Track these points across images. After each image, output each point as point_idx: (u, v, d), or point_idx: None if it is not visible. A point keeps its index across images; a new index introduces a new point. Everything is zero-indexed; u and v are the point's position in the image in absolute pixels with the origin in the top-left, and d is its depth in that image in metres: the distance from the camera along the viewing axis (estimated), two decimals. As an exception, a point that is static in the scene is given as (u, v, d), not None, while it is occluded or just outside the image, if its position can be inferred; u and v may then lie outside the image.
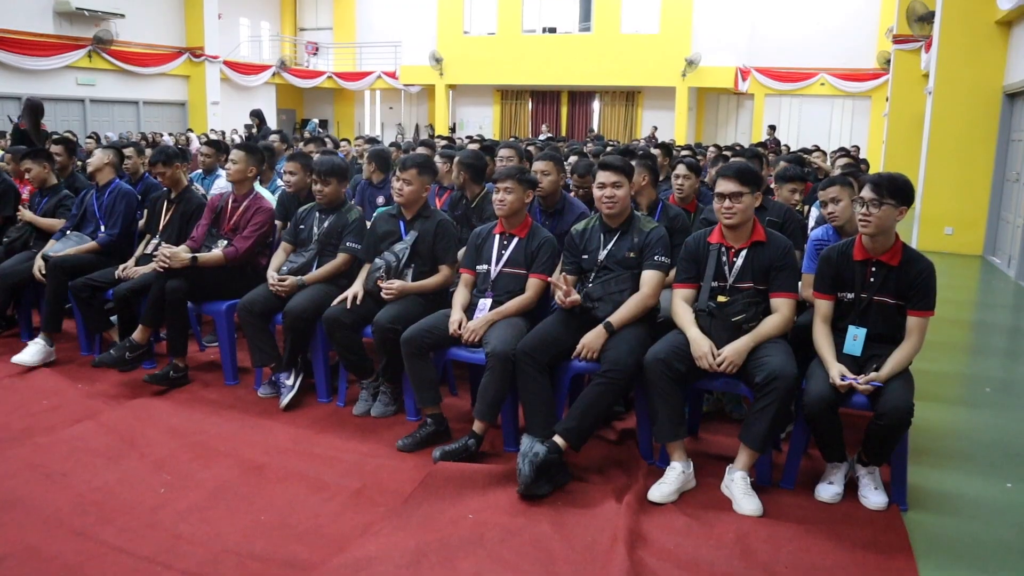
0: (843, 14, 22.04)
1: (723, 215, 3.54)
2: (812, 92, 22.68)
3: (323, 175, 4.53)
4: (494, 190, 4.04)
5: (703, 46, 21.23)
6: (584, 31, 23.26)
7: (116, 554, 2.88)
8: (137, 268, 4.95)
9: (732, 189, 3.49)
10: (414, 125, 26.57)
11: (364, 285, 4.24)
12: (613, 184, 3.76)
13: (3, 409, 4.28)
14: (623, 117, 23.95)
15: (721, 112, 24.35)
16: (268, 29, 26.91)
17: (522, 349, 3.61)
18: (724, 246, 3.59)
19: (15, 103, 18.02)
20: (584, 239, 3.90)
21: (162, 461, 3.66)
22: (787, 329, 3.53)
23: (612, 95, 23.96)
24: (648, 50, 21.75)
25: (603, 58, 22.11)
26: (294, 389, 4.38)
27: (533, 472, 3.28)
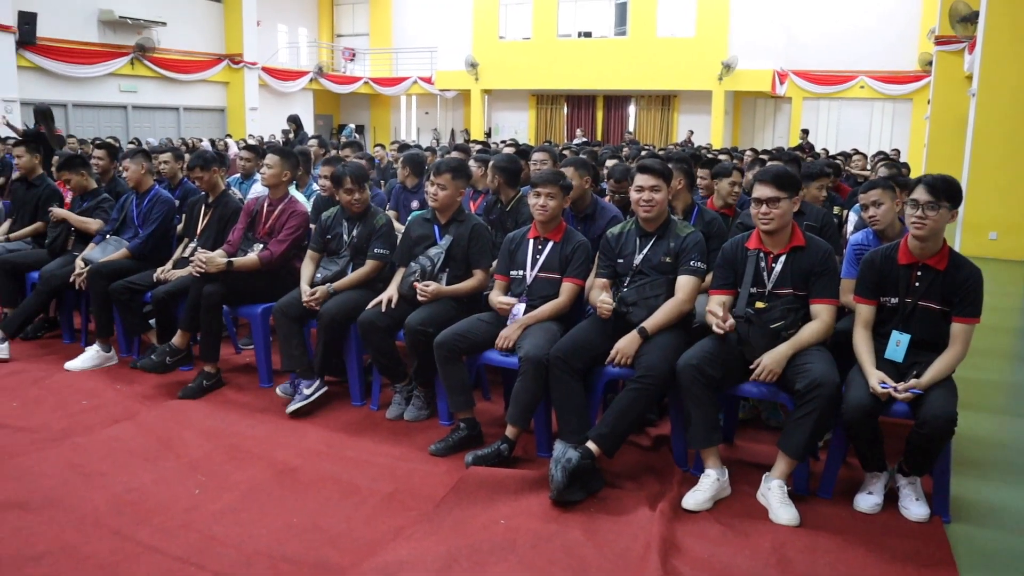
0: (883, 15, 21.72)
1: (760, 221, 3.49)
2: (851, 95, 22.39)
3: (358, 181, 4.53)
4: (532, 194, 4.01)
5: (740, 49, 21.04)
6: (619, 35, 23.19)
7: (151, 554, 2.91)
8: (174, 271, 5.01)
9: (769, 194, 3.43)
10: (449, 130, 26.68)
11: (399, 289, 4.24)
12: (651, 187, 3.72)
13: (44, 409, 4.36)
14: (659, 121, 23.83)
15: (758, 116, 24.13)
16: (306, 35, 27.19)
17: (555, 354, 3.58)
18: (762, 251, 3.54)
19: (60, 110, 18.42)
20: (620, 243, 3.87)
21: (197, 462, 3.69)
22: (828, 336, 3.46)
23: (648, 99, 23.85)
24: (684, 54, 21.62)
25: (638, 62, 22.02)
26: (308, 399, 4.33)
27: (566, 478, 3.25)
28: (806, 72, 22.39)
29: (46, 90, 17.90)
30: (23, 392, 4.60)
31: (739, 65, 21.03)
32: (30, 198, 6.04)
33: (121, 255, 5.24)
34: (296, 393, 4.38)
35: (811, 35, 22.26)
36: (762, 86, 21.59)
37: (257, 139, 17.67)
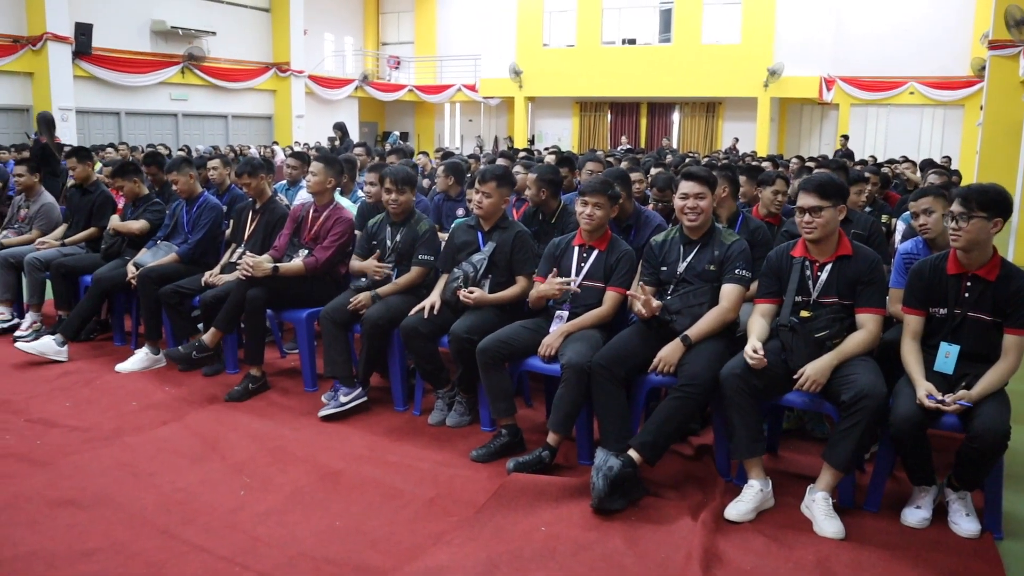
0: (934, 20, 21.29)
1: (804, 230, 3.45)
2: (900, 101, 22.00)
3: (398, 183, 4.54)
4: (580, 203, 3.98)
5: (786, 55, 20.81)
6: (664, 42, 23.08)
7: (197, 553, 2.97)
8: (222, 276, 5.10)
9: (812, 203, 3.39)
10: (493, 137, 26.76)
11: (442, 295, 4.27)
12: (696, 195, 3.70)
13: (96, 409, 4.46)
14: (703, 128, 23.67)
15: (804, 123, 23.83)
16: (351, 44, 27.52)
17: (598, 361, 3.58)
18: (808, 260, 3.50)
19: (113, 118, 18.88)
20: (663, 251, 3.85)
21: (242, 464, 3.75)
22: (873, 346, 3.41)
23: (692, 106, 23.70)
24: (729, 60, 21.44)
25: (683, 69, 21.89)
26: (342, 407, 4.35)
27: (607, 486, 3.24)
28: (854, 78, 22.06)
29: (100, 99, 18.39)
30: (76, 392, 4.72)
31: (785, 71, 20.80)
32: (85, 204, 6.21)
33: (171, 260, 5.35)
34: (334, 396, 4.43)
35: (859, 40, 21.91)
36: (809, 92, 21.32)
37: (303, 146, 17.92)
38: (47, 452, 3.87)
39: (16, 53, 16.47)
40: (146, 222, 5.74)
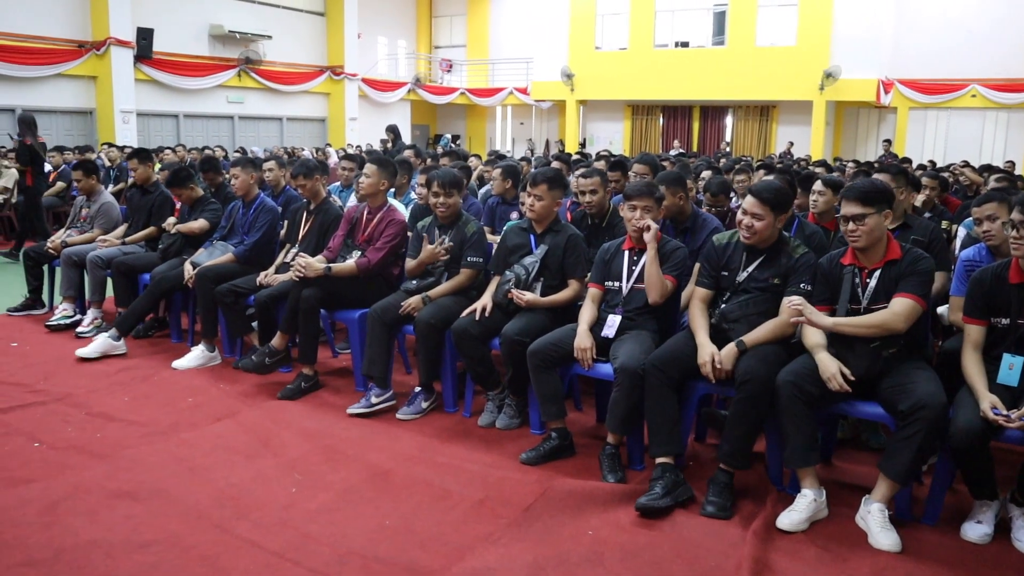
0: (997, 20, 20.62)
1: (849, 238, 3.38)
2: (962, 104, 21.43)
3: (445, 186, 4.56)
4: (627, 207, 3.96)
5: (843, 58, 20.42)
6: (718, 45, 22.86)
7: (249, 547, 3.01)
8: (277, 276, 5.18)
9: (855, 211, 3.31)
10: (544, 141, 26.77)
11: (493, 297, 4.28)
12: (754, 215, 3.60)
13: (153, 404, 4.56)
14: (757, 132, 23.37)
15: (861, 127, 23.38)
16: (404, 47, 27.76)
17: (652, 362, 3.55)
18: (857, 267, 3.42)
19: (172, 120, 19.30)
20: (725, 255, 3.77)
21: (294, 462, 3.80)
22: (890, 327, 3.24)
23: (745, 110, 23.43)
24: (784, 63, 21.14)
25: (737, 72, 21.64)
26: (371, 408, 4.43)
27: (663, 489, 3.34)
28: (913, 81, 21.57)
29: (160, 102, 18.83)
30: (134, 388, 4.83)
31: (842, 74, 20.43)
32: (144, 204, 6.36)
33: (227, 259, 5.45)
34: (366, 396, 4.50)
35: (919, 42, 21.40)
36: (866, 96, 20.92)
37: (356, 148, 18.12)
38: (106, 445, 3.97)
39: (81, 58, 16.95)
40: (205, 221, 5.86)
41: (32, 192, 9.53)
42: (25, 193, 9.63)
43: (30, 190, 9.53)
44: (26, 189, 9.57)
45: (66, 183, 11.41)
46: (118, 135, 16.83)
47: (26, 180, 9.51)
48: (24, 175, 9.55)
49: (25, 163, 9.30)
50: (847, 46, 20.45)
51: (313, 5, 22.87)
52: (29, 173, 9.44)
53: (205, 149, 14.66)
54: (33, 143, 9.30)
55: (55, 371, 5.11)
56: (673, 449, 3.50)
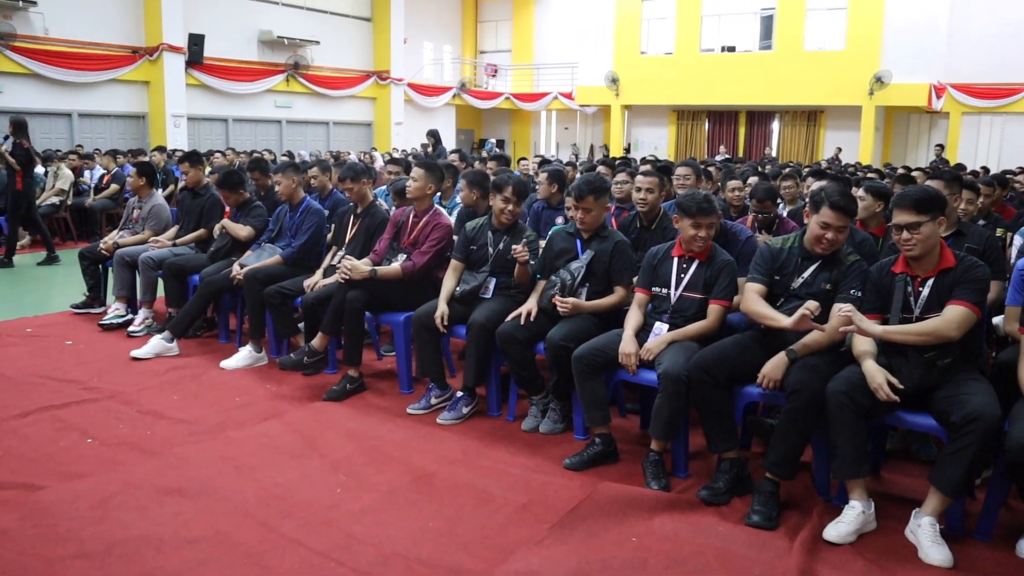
0: (1056, 23, 20.12)
1: (903, 247, 3.31)
2: (1017, 109, 20.87)
3: (517, 194, 4.54)
4: (691, 225, 3.86)
5: (893, 62, 20.06)
6: (765, 49, 22.61)
7: (294, 546, 3.05)
8: (323, 280, 5.23)
9: (909, 220, 3.25)
10: (589, 145, 26.72)
11: (539, 302, 4.27)
12: (838, 228, 3.53)
13: (201, 403, 4.64)
14: (804, 138, 23.06)
15: (911, 132, 22.92)
16: (450, 52, 27.90)
17: (697, 363, 3.53)
18: (909, 275, 3.35)
19: (222, 124, 19.62)
20: (780, 259, 3.71)
21: (339, 463, 3.83)
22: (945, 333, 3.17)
23: (792, 115, 23.13)
24: (832, 67, 20.82)
25: (784, 77, 21.38)
26: (430, 408, 4.53)
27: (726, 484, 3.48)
28: (966, 85, 21.08)
29: (210, 106, 19.17)
30: (183, 387, 4.92)
31: (892, 79, 20.07)
32: (195, 207, 6.48)
33: (275, 261, 5.53)
34: (427, 396, 4.56)
35: (973, 46, 20.86)
36: (917, 101, 20.49)
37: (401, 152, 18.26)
38: (156, 442, 4.05)
39: (134, 63, 17.33)
40: (251, 229, 5.95)
41: (23, 196, 9.22)
42: (16, 197, 9.22)
43: (20, 194, 9.20)
44: (16, 193, 9.19)
45: (119, 185, 11.68)
46: (169, 139, 17.18)
47: (16, 184, 9.13)
48: (15, 178, 9.14)
49: (21, 165, 9.05)
50: (898, 50, 20.08)
51: (360, 11, 23.12)
52: (20, 176, 9.12)
53: (253, 153, 14.90)
54: (30, 146, 9.25)
55: (107, 369, 5.23)
56: (731, 444, 3.53)
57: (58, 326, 6.36)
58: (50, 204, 10.99)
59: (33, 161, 9.54)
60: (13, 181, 9.15)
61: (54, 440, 4.05)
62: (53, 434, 4.12)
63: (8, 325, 6.37)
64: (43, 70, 15.77)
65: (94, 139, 16.69)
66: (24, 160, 9.09)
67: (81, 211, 11.69)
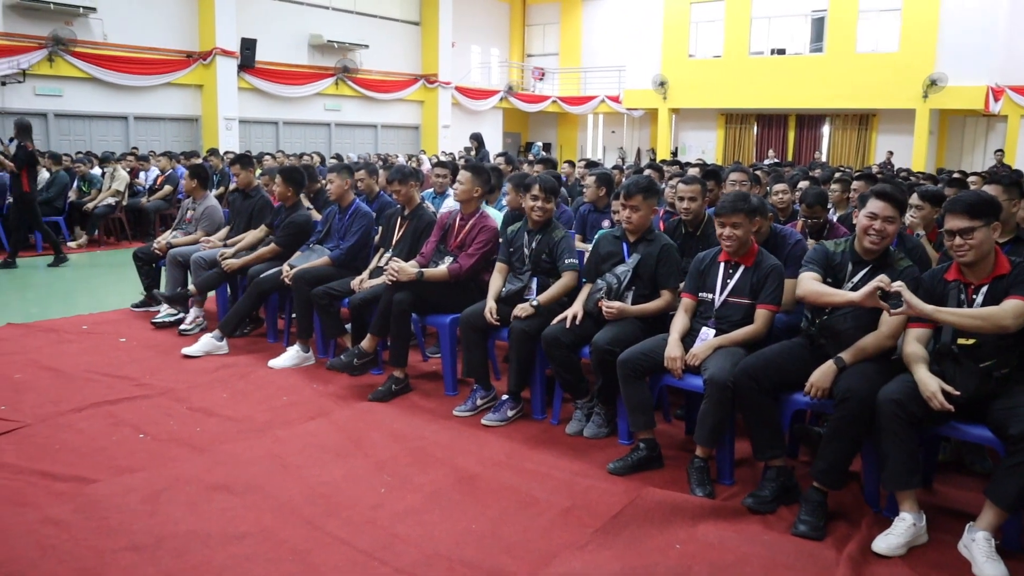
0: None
1: (956, 253, 3.23)
2: (1080, 113, 20.30)
3: (546, 191, 4.59)
4: (717, 223, 3.88)
5: (948, 64, 19.61)
6: (815, 52, 22.28)
7: (339, 544, 3.08)
8: (370, 281, 5.28)
9: (962, 225, 3.17)
10: (636, 149, 26.60)
11: (584, 306, 4.26)
12: (886, 218, 3.46)
13: (250, 402, 4.72)
14: (855, 142, 22.67)
15: (967, 136, 22.39)
16: (497, 56, 28.00)
17: (743, 369, 3.48)
18: (962, 283, 3.27)
19: (272, 127, 19.92)
20: (833, 262, 3.63)
21: (383, 463, 3.86)
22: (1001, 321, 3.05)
23: (843, 118, 22.77)
24: (885, 70, 20.43)
25: (835, 80, 21.05)
26: (476, 410, 4.56)
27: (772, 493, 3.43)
28: (1026, 88, 20.54)
29: (261, 109, 19.48)
30: (232, 385, 5.00)
31: (947, 81, 19.62)
32: (245, 208, 6.59)
33: (323, 263, 5.59)
34: (472, 397, 4.58)
35: (1034, 47, 20.35)
36: (973, 103, 20.01)
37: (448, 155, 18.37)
38: (205, 439, 4.12)
39: (188, 67, 17.70)
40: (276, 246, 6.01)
41: (28, 197, 9.22)
42: (21, 199, 9.23)
43: (26, 196, 9.20)
44: (23, 195, 9.19)
45: (173, 187, 11.92)
46: (221, 141, 17.48)
47: (23, 186, 9.14)
48: (20, 181, 9.13)
49: (21, 167, 9.05)
50: (953, 52, 19.62)
51: (409, 15, 23.31)
52: (25, 178, 9.12)
53: (303, 155, 15.10)
54: (34, 149, 9.26)
55: (159, 366, 5.34)
56: (778, 452, 3.48)
57: (112, 323, 6.51)
58: (106, 204, 11.27)
59: (37, 163, 9.56)
60: (18, 183, 9.16)
61: (107, 435, 4.15)
62: (106, 429, 4.23)
63: (66, 322, 6.55)
64: (101, 74, 16.18)
65: (149, 141, 17.07)
66: (25, 162, 9.06)
67: (136, 212, 11.96)
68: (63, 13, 15.38)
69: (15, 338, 6.01)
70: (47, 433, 4.15)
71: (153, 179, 12.59)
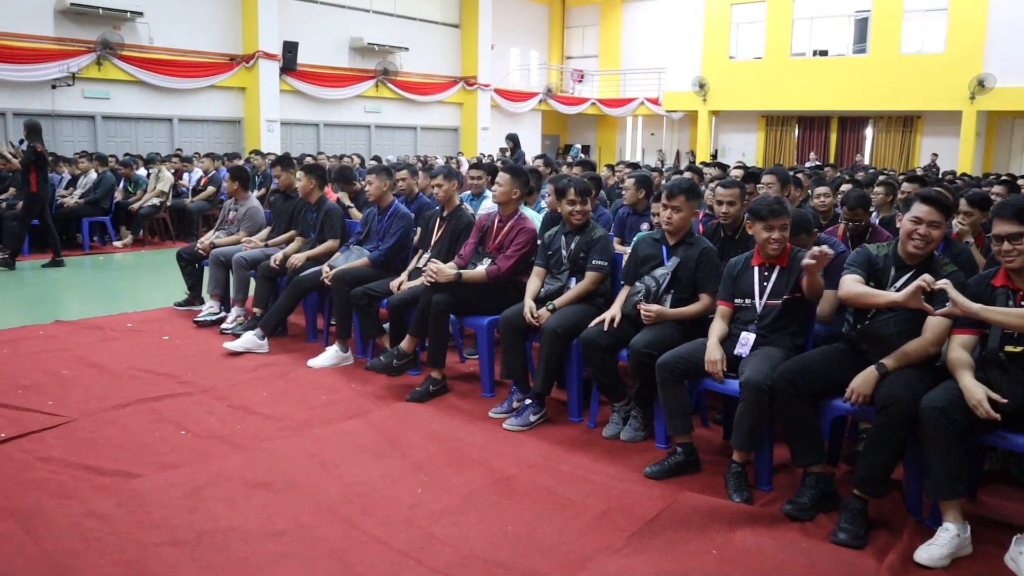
0: None
1: (1004, 259, 3.16)
2: None
3: (581, 193, 4.59)
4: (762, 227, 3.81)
5: (997, 65, 19.22)
6: (859, 53, 21.98)
7: (375, 544, 3.10)
8: (409, 283, 5.31)
9: (1010, 230, 3.10)
10: (675, 151, 26.43)
11: (623, 308, 4.24)
12: (931, 223, 3.39)
13: (289, 400, 4.76)
14: (899, 144, 22.31)
15: (1016, 138, 21.90)
16: (536, 58, 28.01)
17: (782, 374, 3.44)
18: (1011, 289, 3.20)
19: (313, 129, 20.12)
20: (876, 266, 3.56)
21: (420, 463, 3.88)
22: None
23: (887, 120, 22.41)
24: (931, 71, 20.10)
25: (879, 81, 20.75)
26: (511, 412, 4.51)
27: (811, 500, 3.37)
28: (1078, 89, 20.03)
29: (302, 111, 19.69)
30: (272, 383, 5.06)
31: (996, 83, 19.21)
32: (286, 209, 6.66)
33: (362, 263, 5.64)
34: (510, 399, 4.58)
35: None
36: (1022, 105, 19.58)
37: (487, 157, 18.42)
38: (245, 437, 4.18)
39: (232, 70, 17.95)
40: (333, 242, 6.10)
41: (36, 198, 9.14)
42: (29, 199, 9.15)
43: (34, 196, 9.12)
44: (30, 195, 9.11)
45: (215, 188, 12.10)
46: (263, 143, 17.71)
47: (31, 186, 9.05)
48: (29, 181, 9.07)
49: (28, 167, 8.98)
50: (1002, 52, 19.23)
51: (448, 17, 23.42)
52: (34, 179, 9.05)
53: (343, 157, 15.23)
54: (43, 149, 9.20)
55: (201, 364, 5.42)
56: (817, 458, 3.43)
57: (156, 322, 6.63)
58: (151, 205, 11.47)
59: (47, 165, 9.52)
60: (27, 183, 9.11)
61: (150, 431, 4.22)
62: (149, 425, 4.30)
63: (111, 320, 6.68)
64: (148, 77, 16.48)
65: (192, 143, 17.35)
66: (33, 162, 8.98)
67: (179, 212, 12.16)
68: (112, 18, 15.70)
69: (63, 335, 6.15)
70: (92, 428, 4.24)
71: (196, 180, 12.79)
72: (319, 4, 19.85)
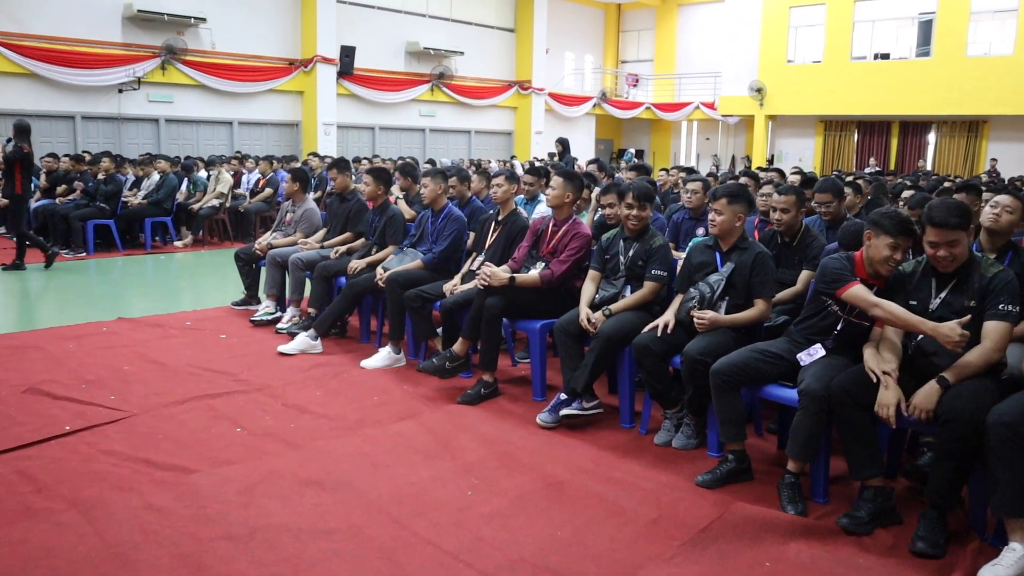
0: None
1: None
2: None
3: (640, 199, 4.55)
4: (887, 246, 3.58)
5: (1070, 68, 18.62)
6: (922, 56, 21.44)
7: (424, 545, 3.10)
8: (462, 285, 5.32)
9: None
10: (730, 157, 26.13)
11: (676, 315, 4.19)
12: (948, 243, 3.27)
13: (342, 400, 4.81)
14: (963, 150, 21.69)
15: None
16: (591, 62, 27.94)
17: (839, 384, 3.36)
18: None
19: (368, 132, 20.35)
20: (912, 282, 3.47)
21: (471, 465, 3.88)
22: None
23: (951, 125, 21.83)
24: (999, 75, 19.50)
25: (943, 85, 20.21)
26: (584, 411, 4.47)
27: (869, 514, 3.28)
28: None
29: (358, 115, 19.95)
30: (325, 383, 5.12)
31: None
32: (342, 211, 6.75)
33: (416, 266, 5.68)
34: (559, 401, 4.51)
35: None
36: (1094, 109, 18.93)
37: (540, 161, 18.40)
38: (299, 435, 4.23)
39: (290, 74, 18.28)
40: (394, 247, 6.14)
41: (19, 199, 8.98)
42: (15, 200, 8.99)
43: (19, 197, 8.95)
44: (15, 196, 8.94)
45: (273, 190, 12.30)
46: (319, 146, 17.98)
47: (15, 187, 8.87)
48: (15, 182, 8.86)
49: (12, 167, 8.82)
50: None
51: (504, 22, 23.50)
52: (19, 180, 8.87)
53: (399, 160, 15.37)
54: (30, 151, 9.02)
55: (256, 363, 5.51)
56: (875, 471, 3.34)
57: (214, 320, 6.76)
58: (210, 206, 11.71)
59: (32, 166, 9.34)
60: (12, 183, 8.91)
61: (207, 427, 4.30)
62: (206, 422, 4.38)
63: (171, 318, 6.83)
64: (210, 81, 16.87)
65: (251, 146, 17.69)
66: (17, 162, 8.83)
67: (238, 213, 12.39)
68: (176, 24, 16.10)
69: (124, 332, 6.31)
70: (151, 423, 4.33)
71: (254, 182, 13.02)
72: (376, 9, 20.10)
